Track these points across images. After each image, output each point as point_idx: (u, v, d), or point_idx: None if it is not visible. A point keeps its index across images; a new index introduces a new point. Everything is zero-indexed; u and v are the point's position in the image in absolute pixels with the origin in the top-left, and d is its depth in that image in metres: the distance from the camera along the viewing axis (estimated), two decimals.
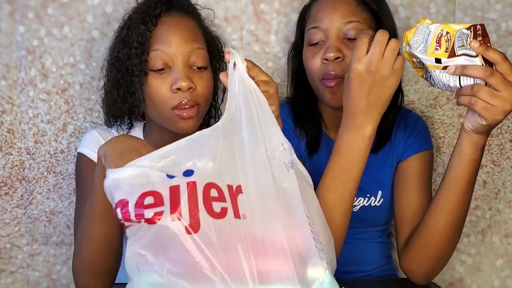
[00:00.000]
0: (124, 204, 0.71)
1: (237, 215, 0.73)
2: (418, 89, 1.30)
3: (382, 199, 1.13)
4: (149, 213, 0.70)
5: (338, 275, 0.91)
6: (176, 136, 1.06)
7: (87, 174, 1.04)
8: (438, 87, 0.90)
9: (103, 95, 1.10)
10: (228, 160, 0.76)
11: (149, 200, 0.71)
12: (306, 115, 1.13)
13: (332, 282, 0.78)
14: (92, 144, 1.08)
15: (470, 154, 0.91)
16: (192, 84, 0.99)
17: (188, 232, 0.69)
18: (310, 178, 0.85)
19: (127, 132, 1.13)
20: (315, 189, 0.92)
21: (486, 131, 0.89)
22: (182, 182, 0.72)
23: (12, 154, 1.27)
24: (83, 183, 1.06)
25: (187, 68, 0.99)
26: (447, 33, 0.85)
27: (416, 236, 1.00)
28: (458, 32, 0.84)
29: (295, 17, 1.20)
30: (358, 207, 1.13)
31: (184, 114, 0.99)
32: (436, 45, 0.86)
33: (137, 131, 1.13)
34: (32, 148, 1.27)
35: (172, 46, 0.99)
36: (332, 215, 0.90)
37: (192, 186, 0.71)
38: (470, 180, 0.93)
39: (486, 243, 1.34)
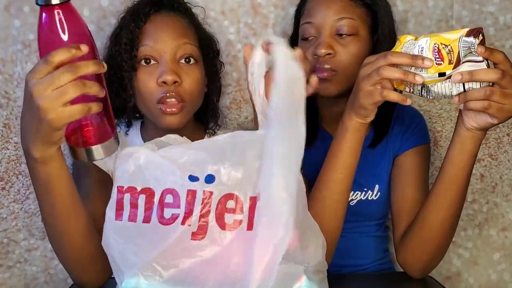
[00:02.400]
0: (150, 194, 0.71)
1: (250, 226, 0.71)
2: None
3: (379, 193, 1.13)
4: (167, 214, 0.71)
5: (335, 269, 0.91)
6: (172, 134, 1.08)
7: (87, 173, 1.05)
8: (431, 97, 0.86)
9: None
10: (257, 170, 0.73)
11: (169, 198, 0.71)
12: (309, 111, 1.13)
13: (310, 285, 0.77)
14: None
15: (473, 150, 0.91)
16: (178, 78, 1.00)
17: (193, 239, 0.70)
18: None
19: (126, 131, 1.14)
20: (311, 184, 0.92)
21: (491, 127, 0.89)
22: (199, 188, 0.72)
23: (8, 149, 1.26)
24: (80, 182, 1.05)
25: (174, 63, 1.02)
26: (445, 45, 0.81)
27: (413, 230, 1.00)
28: (460, 42, 0.81)
29: (292, 11, 1.20)
30: (355, 201, 1.13)
31: (168, 109, 1.00)
32: (437, 60, 0.82)
33: (135, 130, 1.15)
34: None
35: (159, 41, 1.02)
36: (330, 203, 0.92)
37: (208, 196, 0.71)
38: (469, 175, 0.94)
39: (483, 236, 1.34)
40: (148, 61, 1.02)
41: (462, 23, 1.27)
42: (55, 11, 0.69)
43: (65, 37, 0.69)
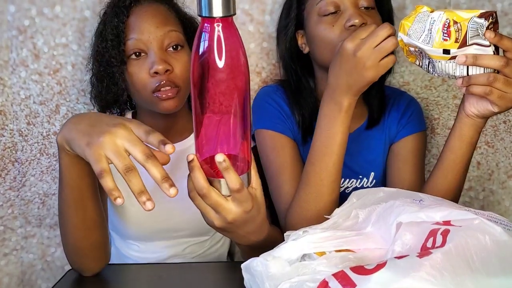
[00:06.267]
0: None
1: None
2: (413, 70, 1.30)
3: (374, 180, 1.14)
4: None
5: None
6: (167, 122, 1.09)
7: None
8: (436, 75, 0.87)
9: (91, 88, 1.14)
10: None
11: None
12: (302, 98, 1.12)
13: None
14: None
15: (472, 137, 0.91)
16: (169, 66, 1.02)
17: None
18: None
19: None
20: None
21: (492, 116, 0.89)
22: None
23: (4, 136, 1.25)
24: None
25: (162, 52, 1.03)
26: (455, 22, 0.81)
27: None
28: (470, 22, 0.80)
29: None
30: (351, 188, 1.13)
31: (164, 95, 1.02)
32: (444, 35, 0.81)
33: None
34: (25, 130, 1.26)
35: (144, 32, 1.03)
36: (319, 188, 0.93)
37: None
38: (469, 161, 0.94)
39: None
40: (137, 54, 1.03)
41: None
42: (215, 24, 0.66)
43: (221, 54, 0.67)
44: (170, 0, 1.12)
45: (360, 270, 0.61)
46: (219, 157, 0.68)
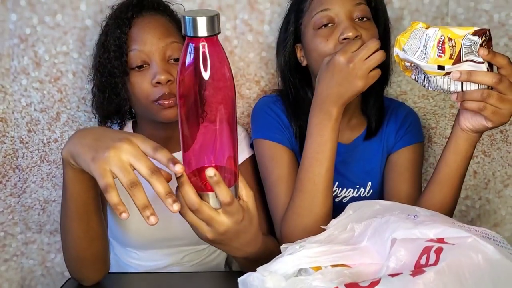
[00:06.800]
0: None
1: None
2: (411, 80, 1.28)
3: (371, 190, 1.15)
4: None
5: None
6: (167, 132, 1.10)
7: None
8: (432, 89, 0.89)
9: (92, 99, 1.15)
10: None
11: None
12: (300, 109, 1.13)
13: None
14: None
15: (467, 151, 0.93)
16: (171, 76, 1.03)
17: None
18: None
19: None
20: None
21: (486, 130, 0.90)
22: None
23: (5, 143, 1.27)
24: None
25: (164, 62, 1.04)
26: (450, 39, 0.82)
27: None
28: (464, 39, 0.82)
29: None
30: (348, 198, 1.14)
31: (166, 103, 1.03)
32: (439, 52, 0.83)
33: (127, 129, 1.18)
34: (26, 137, 1.27)
35: (147, 44, 1.04)
36: (314, 194, 0.95)
37: None
38: (464, 175, 0.96)
39: None
40: (140, 65, 1.04)
41: (457, 21, 1.27)
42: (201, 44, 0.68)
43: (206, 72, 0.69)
44: (171, 12, 1.14)
45: (354, 287, 0.63)
46: (210, 172, 0.69)
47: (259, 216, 1.08)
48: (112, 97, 1.08)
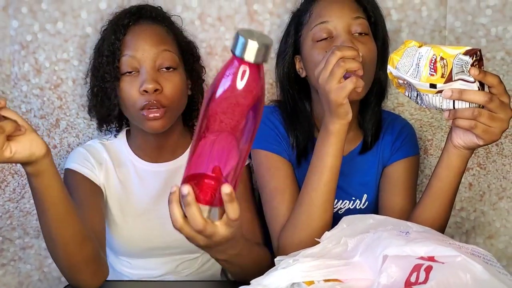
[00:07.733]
0: None
1: None
2: None
3: (367, 202, 1.16)
4: None
5: None
6: (159, 140, 1.11)
7: (78, 186, 1.08)
8: (424, 106, 0.90)
9: (87, 101, 1.17)
10: None
11: None
12: (297, 121, 1.14)
13: None
14: (79, 159, 1.13)
15: (459, 167, 0.94)
16: (159, 86, 1.04)
17: None
18: None
19: (115, 135, 1.19)
20: None
21: (477, 147, 0.91)
22: None
23: None
24: (73, 195, 1.07)
25: (154, 71, 1.05)
26: (442, 58, 0.84)
27: None
28: (456, 58, 0.83)
29: (288, 18, 1.21)
30: (344, 209, 1.15)
31: (150, 115, 1.04)
32: (431, 71, 0.84)
33: (121, 138, 1.19)
34: None
35: (138, 50, 1.06)
36: (310, 208, 0.96)
37: None
38: (456, 189, 0.97)
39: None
40: (130, 73, 1.06)
41: (455, 34, 1.28)
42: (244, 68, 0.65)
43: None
44: (170, 22, 1.15)
45: None
46: (226, 189, 0.68)
47: (253, 226, 1.09)
48: (104, 101, 1.10)
